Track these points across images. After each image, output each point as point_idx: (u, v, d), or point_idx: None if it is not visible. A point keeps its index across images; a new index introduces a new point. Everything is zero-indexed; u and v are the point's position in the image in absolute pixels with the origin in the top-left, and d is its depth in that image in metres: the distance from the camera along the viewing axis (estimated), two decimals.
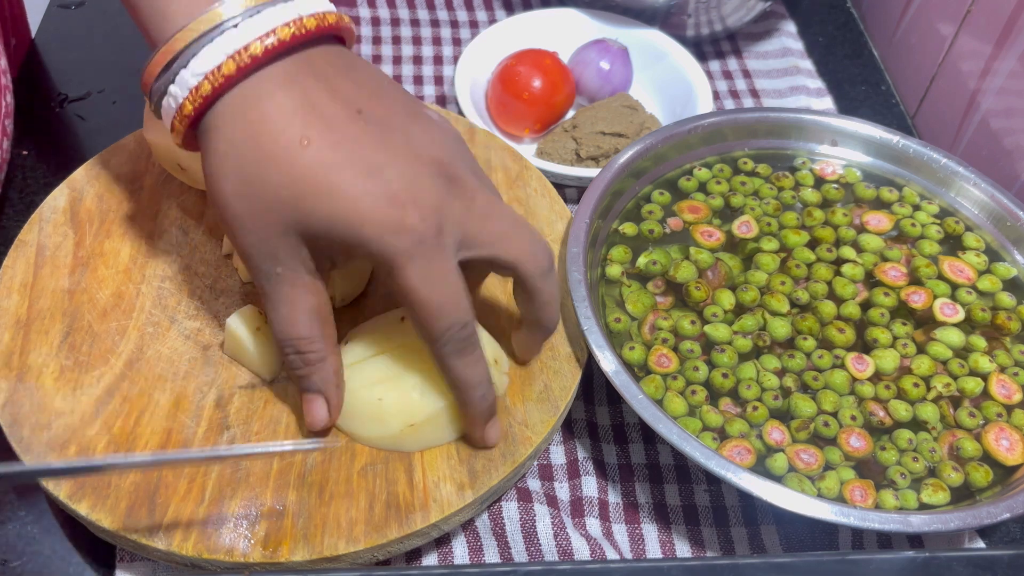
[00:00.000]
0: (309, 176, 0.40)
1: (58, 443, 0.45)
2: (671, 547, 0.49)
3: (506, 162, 0.60)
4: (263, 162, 0.40)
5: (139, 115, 0.54)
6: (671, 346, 0.52)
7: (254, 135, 0.40)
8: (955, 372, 0.51)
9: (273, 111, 0.40)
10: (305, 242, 0.41)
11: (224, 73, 0.40)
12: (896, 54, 0.77)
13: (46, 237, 0.53)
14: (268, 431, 0.47)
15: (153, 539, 0.42)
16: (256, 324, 0.48)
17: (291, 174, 0.40)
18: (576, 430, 0.53)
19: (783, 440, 0.48)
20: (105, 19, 0.74)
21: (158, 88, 0.42)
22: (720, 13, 0.72)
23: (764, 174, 0.61)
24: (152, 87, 0.42)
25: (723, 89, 0.74)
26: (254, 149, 0.40)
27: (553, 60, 0.67)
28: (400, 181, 0.40)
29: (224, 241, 0.54)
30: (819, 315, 0.53)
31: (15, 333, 0.49)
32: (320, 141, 0.40)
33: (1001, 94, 0.65)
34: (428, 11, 0.78)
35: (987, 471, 0.48)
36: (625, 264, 0.55)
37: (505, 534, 0.48)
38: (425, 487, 0.45)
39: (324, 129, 0.40)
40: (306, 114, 0.41)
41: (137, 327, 0.50)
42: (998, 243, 0.58)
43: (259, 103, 0.40)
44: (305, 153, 0.40)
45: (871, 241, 0.57)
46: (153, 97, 0.42)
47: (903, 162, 0.61)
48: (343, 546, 0.43)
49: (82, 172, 0.57)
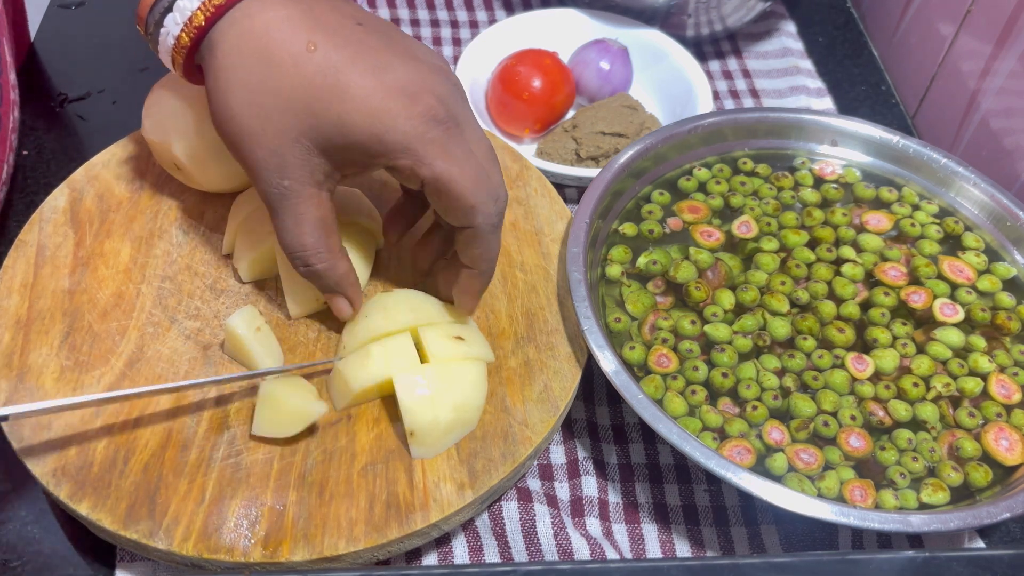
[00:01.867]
0: (319, 78, 0.40)
1: (58, 443, 0.45)
2: (671, 547, 0.49)
3: (506, 162, 0.60)
4: (272, 69, 0.40)
5: (139, 115, 0.54)
6: (671, 346, 0.52)
7: (260, 45, 0.41)
8: (955, 372, 0.51)
9: (277, 21, 0.41)
10: (317, 149, 0.41)
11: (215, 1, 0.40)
12: (896, 54, 0.77)
13: (46, 237, 0.53)
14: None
15: (153, 539, 0.42)
16: (256, 324, 0.48)
17: (301, 78, 0.40)
18: (576, 430, 0.53)
19: (783, 440, 0.48)
20: (105, 19, 0.74)
21: (153, 22, 0.42)
22: (720, 13, 0.72)
23: (764, 174, 0.61)
24: (148, 20, 0.42)
25: (723, 89, 0.74)
26: (261, 58, 0.41)
27: (553, 60, 0.67)
28: (410, 74, 0.41)
29: (224, 241, 0.54)
30: (819, 315, 0.53)
31: (15, 333, 0.49)
32: (326, 45, 0.41)
33: (1001, 94, 0.65)
34: (428, 11, 0.78)
35: (987, 471, 0.48)
36: (625, 264, 0.55)
37: (505, 534, 0.48)
38: (425, 487, 0.45)
39: (329, 34, 0.41)
40: (309, 22, 0.41)
41: (137, 327, 0.50)
42: (998, 243, 0.58)
43: (262, 15, 0.41)
44: (313, 57, 0.40)
45: (871, 241, 0.57)
46: (149, 31, 0.43)
47: (903, 162, 0.61)
48: (343, 546, 0.43)
49: (82, 172, 0.57)
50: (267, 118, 0.41)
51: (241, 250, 0.52)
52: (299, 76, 0.40)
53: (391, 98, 0.40)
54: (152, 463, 0.45)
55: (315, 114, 0.40)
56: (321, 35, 0.41)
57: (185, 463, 0.45)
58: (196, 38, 0.41)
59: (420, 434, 0.45)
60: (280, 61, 0.40)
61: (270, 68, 0.41)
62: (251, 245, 0.52)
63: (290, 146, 0.41)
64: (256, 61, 0.41)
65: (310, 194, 0.43)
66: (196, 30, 0.41)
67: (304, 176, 0.42)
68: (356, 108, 0.40)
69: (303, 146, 0.41)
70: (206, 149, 0.52)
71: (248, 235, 0.52)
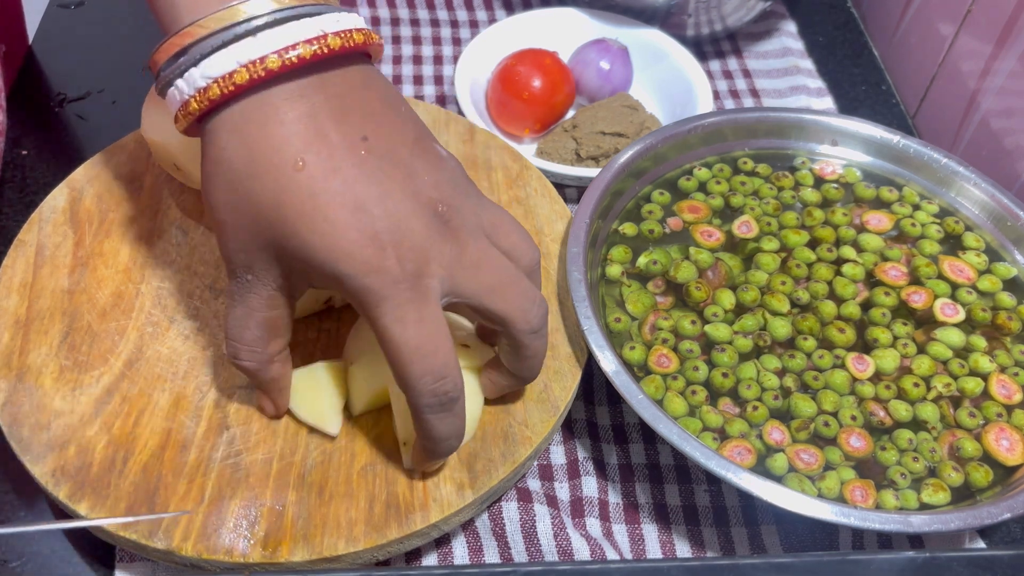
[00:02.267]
0: (296, 200, 0.39)
1: (57, 443, 0.45)
2: (671, 547, 0.49)
3: (506, 162, 0.60)
4: (255, 177, 0.39)
5: (139, 115, 0.54)
6: (671, 346, 0.52)
7: (251, 148, 0.39)
8: (955, 372, 0.51)
9: (275, 127, 0.39)
10: (281, 262, 0.41)
11: (235, 82, 0.38)
12: (896, 54, 0.77)
13: (46, 237, 0.53)
14: (267, 431, 0.47)
15: (153, 539, 0.42)
16: None
17: (279, 194, 0.39)
18: (576, 430, 0.52)
19: (783, 440, 0.48)
20: (105, 19, 0.74)
21: (165, 76, 0.41)
22: (720, 13, 0.72)
23: (764, 174, 0.61)
24: (160, 73, 0.41)
25: (723, 89, 0.74)
26: (248, 162, 0.39)
27: (553, 60, 0.67)
28: (386, 220, 0.39)
29: None
30: (819, 315, 0.53)
31: (15, 333, 0.49)
32: (315, 167, 0.39)
33: (1001, 94, 0.65)
34: (428, 11, 0.78)
35: (987, 471, 0.48)
36: (625, 264, 0.55)
37: (505, 534, 0.47)
38: (425, 487, 0.45)
39: (322, 154, 0.39)
40: (308, 135, 0.39)
41: (136, 327, 0.50)
42: (998, 243, 0.58)
43: (263, 116, 0.39)
44: (297, 176, 0.39)
45: (871, 241, 0.57)
46: (159, 82, 0.41)
47: (903, 162, 0.61)
48: (343, 546, 0.43)
49: (81, 172, 0.56)
50: (241, 220, 0.40)
51: None
52: (279, 192, 0.39)
53: (358, 245, 0.39)
54: (151, 463, 0.45)
55: (285, 233, 0.39)
56: (314, 153, 0.39)
57: (184, 463, 0.45)
58: (206, 109, 0.40)
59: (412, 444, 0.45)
60: (266, 172, 0.39)
61: (255, 176, 0.39)
62: None
63: (256, 251, 0.40)
64: (244, 163, 0.39)
65: (268, 295, 0.42)
66: (209, 102, 0.39)
67: (267, 278, 0.41)
68: (323, 241, 0.39)
69: (269, 254, 0.40)
70: None
71: None
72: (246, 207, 0.40)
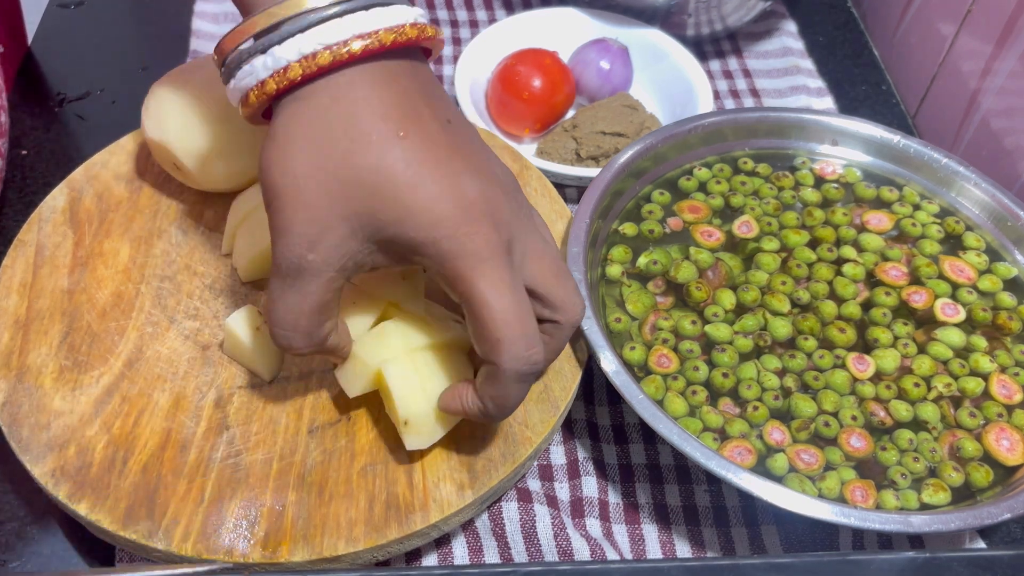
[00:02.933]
0: (399, 167, 0.40)
1: (57, 443, 0.45)
2: (671, 547, 0.49)
3: (506, 162, 0.60)
4: (356, 143, 0.40)
5: (139, 115, 0.54)
6: (671, 346, 0.51)
7: (351, 113, 0.40)
8: (956, 372, 0.51)
9: (376, 99, 0.40)
10: (362, 233, 0.41)
11: (318, 63, 0.40)
12: (896, 54, 0.77)
13: (45, 237, 0.53)
14: (267, 431, 0.47)
15: (152, 539, 0.42)
16: (256, 324, 0.48)
17: (381, 161, 0.40)
18: (576, 430, 0.52)
19: (783, 440, 0.48)
20: (105, 19, 0.74)
21: (236, 57, 0.41)
22: (720, 12, 0.72)
23: (764, 174, 0.61)
24: (229, 54, 0.42)
25: (723, 89, 0.74)
26: (348, 127, 0.40)
27: (553, 60, 0.67)
28: (480, 192, 0.41)
29: (223, 240, 0.54)
30: (820, 315, 0.53)
31: (14, 333, 0.49)
32: (415, 136, 0.40)
33: (1001, 94, 0.65)
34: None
35: (988, 471, 0.48)
36: (625, 264, 0.55)
37: (505, 534, 0.47)
38: (425, 487, 0.45)
39: (419, 126, 0.41)
40: (405, 109, 0.41)
41: (136, 327, 0.50)
42: (999, 243, 0.58)
43: (362, 87, 0.40)
44: (400, 144, 0.40)
45: (872, 241, 0.57)
46: (229, 64, 0.42)
47: (903, 162, 0.61)
48: (343, 546, 0.43)
49: (81, 172, 0.56)
50: (327, 186, 0.40)
51: (240, 250, 0.52)
52: (381, 159, 0.40)
53: (460, 210, 0.40)
54: (151, 463, 0.45)
55: (380, 198, 0.40)
56: (413, 125, 0.41)
57: (184, 463, 0.45)
58: (284, 88, 0.40)
59: (415, 422, 0.45)
60: (368, 140, 0.40)
61: (355, 142, 0.40)
62: (250, 245, 0.51)
63: (336, 222, 0.40)
64: (341, 128, 0.40)
65: (328, 276, 0.41)
66: (288, 82, 0.40)
67: (332, 257, 0.41)
68: (424, 208, 0.40)
69: (349, 226, 0.40)
70: (206, 149, 0.52)
71: (247, 235, 0.52)
72: (340, 175, 0.40)
